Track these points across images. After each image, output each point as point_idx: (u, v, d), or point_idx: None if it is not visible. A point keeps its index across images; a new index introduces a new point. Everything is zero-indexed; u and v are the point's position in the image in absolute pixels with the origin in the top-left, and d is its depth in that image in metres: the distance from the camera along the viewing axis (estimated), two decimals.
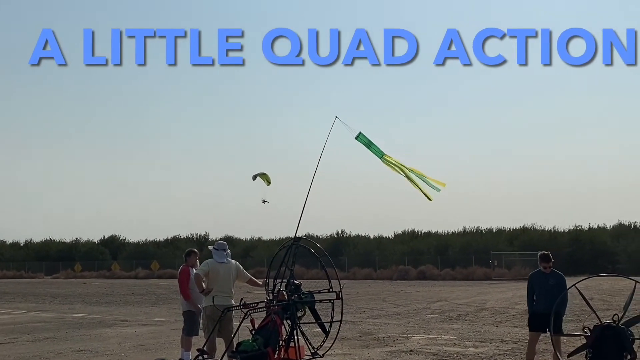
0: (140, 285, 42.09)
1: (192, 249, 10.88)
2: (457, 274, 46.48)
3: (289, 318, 8.58)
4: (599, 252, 49.70)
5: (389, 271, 49.83)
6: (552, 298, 8.87)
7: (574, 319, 16.34)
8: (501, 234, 57.35)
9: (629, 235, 51.14)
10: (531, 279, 9.26)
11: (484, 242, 52.91)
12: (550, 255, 9.36)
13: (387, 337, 13.36)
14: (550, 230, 56.08)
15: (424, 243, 57.42)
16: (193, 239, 69.40)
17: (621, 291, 25.83)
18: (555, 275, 9.11)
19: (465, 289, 31.96)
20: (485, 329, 14.69)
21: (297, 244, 8.95)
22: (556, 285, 9.01)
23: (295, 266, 9.00)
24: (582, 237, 52.84)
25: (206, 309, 9.44)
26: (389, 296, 27.51)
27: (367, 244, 59.93)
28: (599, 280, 32.49)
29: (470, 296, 26.67)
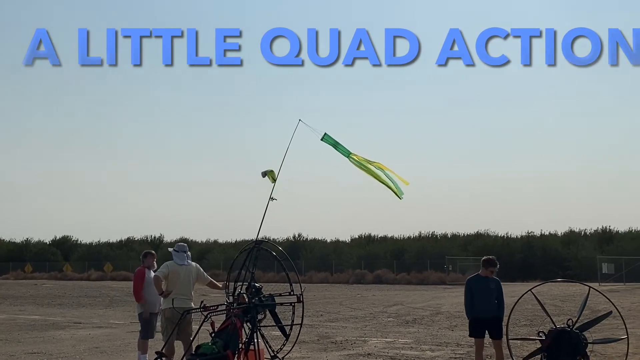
0: (93, 287, 41.30)
1: (149, 251, 10.75)
2: (413, 278, 46.98)
3: (249, 321, 8.54)
4: (550, 258, 50.81)
5: (345, 275, 50.08)
6: (492, 303, 8.85)
7: (527, 323, 16.67)
8: (456, 239, 58.16)
9: (578, 242, 52.44)
10: (470, 283, 9.01)
11: (439, 247, 53.58)
12: (484, 258, 9.22)
13: (345, 341, 13.41)
14: (503, 236, 57.13)
15: (380, 247, 57.82)
16: (147, 241, 68.46)
17: (572, 296, 26.47)
18: (494, 279, 9.02)
19: (420, 293, 32.29)
20: (441, 333, 14.87)
21: (259, 246, 8.93)
22: (496, 289, 8.93)
23: (255, 269, 8.96)
24: (534, 243, 53.96)
25: (165, 311, 9.33)
26: (346, 300, 27.61)
27: (323, 248, 60.05)
28: (550, 285, 33.22)
29: (425, 300, 26.96)
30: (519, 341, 11.92)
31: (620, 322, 9.85)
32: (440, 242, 57.25)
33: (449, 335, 14.35)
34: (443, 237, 59.53)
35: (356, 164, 9.65)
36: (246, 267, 8.85)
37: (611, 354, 11.18)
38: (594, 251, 48.04)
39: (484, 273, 9.00)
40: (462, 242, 55.98)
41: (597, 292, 9.22)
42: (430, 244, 55.60)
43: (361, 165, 9.64)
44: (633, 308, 21.18)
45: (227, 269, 9.75)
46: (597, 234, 54.87)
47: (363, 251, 56.65)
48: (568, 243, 53.03)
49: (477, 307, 8.84)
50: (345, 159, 9.66)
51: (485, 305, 8.81)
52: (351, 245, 61.33)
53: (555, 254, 51.52)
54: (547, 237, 55.58)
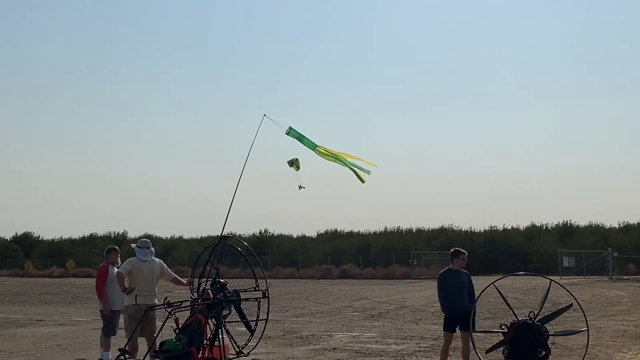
0: (55, 284, 40.56)
1: (112, 247, 10.58)
2: (378, 272, 47.18)
3: (214, 317, 8.47)
4: (512, 252, 51.50)
5: (311, 270, 50.05)
6: (465, 297, 8.92)
7: (489, 316, 16.88)
8: (421, 234, 58.54)
9: (540, 236, 53.26)
10: (444, 277, 9.06)
11: (404, 242, 53.89)
12: (453, 250, 9.28)
13: (311, 335, 13.40)
14: (467, 231, 57.66)
15: (346, 243, 57.93)
16: (111, 237, 67.50)
17: (534, 289, 26.89)
18: (465, 273, 9.10)
19: (385, 288, 32.48)
20: (406, 327, 14.97)
21: (224, 242, 8.86)
22: (468, 283, 9.02)
23: (220, 265, 8.90)
24: (497, 237, 54.63)
25: (128, 308, 9.21)
26: (312, 295, 27.62)
27: (290, 244, 59.93)
28: (512, 279, 33.71)
29: (390, 294, 27.12)
30: (482, 334, 12.06)
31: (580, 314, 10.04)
32: (405, 237, 57.56)
33: (414, 329, 14.45)
34: (408, 232, 59.89)
35: (322, 155, 9.67)
36: (211, 262, 8.77)
37: (572, 345, 11.38)
38: (555, 245, 48.79)
39: (455, 266, 9.06)
40: (427, 237, 56.37)
41: (558, 285, 9.38)
42: (395, 239, 55.87)
43: (327, 155, 9.67)
44: (593, 301, 21.61)
45: (192, 265, 9.65)
46: (559, 228, 55.75)
47: (329, 247, 56.68)
48: (530, 237, 53.76)
49: (451, 302, 8.91)
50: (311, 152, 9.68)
51: (458, 300, 8.89)
52: (317, 240, 61.31)
53: (518, 248, 52.20)
54: (509, 232, 56.26)
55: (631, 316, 16.61)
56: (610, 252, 39.44)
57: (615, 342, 11.96)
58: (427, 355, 10.68)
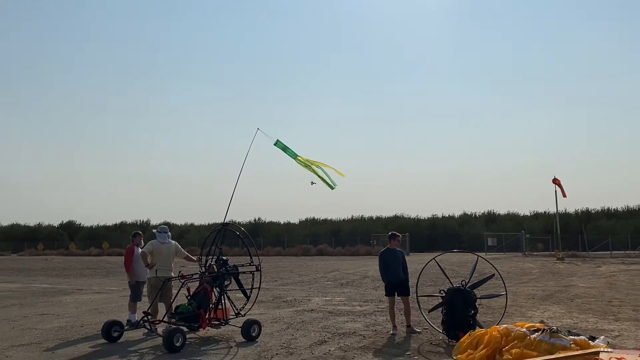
0: (93, 262, 39.94)
1: (137, 232, 10.44)
2: (347, 251, 47.25)
3: (218, 286, 8.43)
4: (449, 234, 51.92)
5: (295, 249, 49.95)
6: (400, 270, 8.87)
7: (431, 284, 16.98)
8: (379, 220, 58.75)
9: (470, 222, 53.73)
10: (383, 255, 8.96)
11: (367, 227, 54.06)
12: (390, 233, 9.19)
13: (294, 300, 13.37)
14: (414, 218, 58.06)
15: (321, 227, 57.94)
16: (137, 224, 66.65)
17: (465, 263, 27.06)
18: (400, 251, 9.05)
19: (352, 262, 32.54)
20: (367, 292, 15.00)
21: (226, 227, 8.81)
22: (402, 259, 8.99)
23: (223, 245, 8.86)
24: (438, 223, 55.03)
25: (150, 279, 9.11)
26: (295, 268, 27.57)
27: (278, 228, 59.80)
28: (449, 255, 33.89)
29: (356, 268, 27.17)
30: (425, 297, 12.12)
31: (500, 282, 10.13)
32: (367, 223, 57.72)
33: (373, 294, 14.48)
34: (369, 219, 60.06)
35: (301, 164, 9.64)
36: (216, 244, 8.74)
37: (494, 306, 11.50)
38: (481, 229, 49.27)
39: (392, 245, 9.02)
40: (384, 223, 56.57)
41: (484, 259, 9.45)
42: (360, 225, 56.02)
43: (305, 165, 9.63)
44: (510, 272, 21.85)
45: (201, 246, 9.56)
46: (484, 216, 56.27)
47: (309, 231, 56.69)
48: (463, 223, 54.27)
49: (389, 274, 8.89)
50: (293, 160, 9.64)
51: (395, 272, 8.86)
52: (299, 226, 61.25)
53: (453, 231, 52.63)
54: (447, 219, 56.70)
55: (539, 283, 16.83)
56: (523, 234, 39.92)
57: (527, 303, 12.11)
58: (383, 315, 10.71)
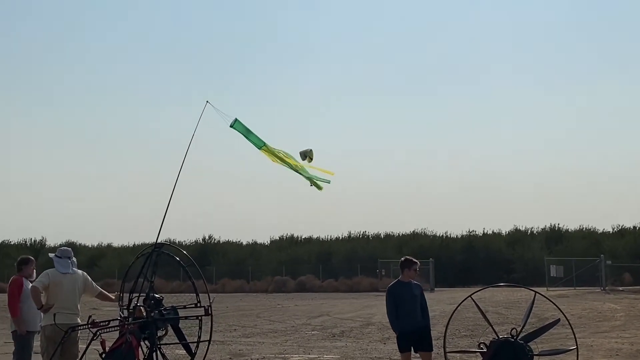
0: None
1: (27, 257, 10.36)
2: (341, 285, 47.40)
3: (148, 338, 8.40)
4: (493, 260, 52.23)
5: (264, 282, 50.03)
6: (418, 312, 9.01)
7: (467, 334, 17.10)
8: (389, 239, 58.98)
9: (524, 242, 54.11)
10: (393, 290, 9.09)
11: (371, 249, 54.23)
12: (403, 259, 9.42)
13: (262, 359, 13.38)
14: (442, 236, 58.31)
15: (304, 250, 58.03)
16: (26, 246, 66.22)
17: (517, 303, 27.33)
18: (417, 285, 9.21)
19: (349, 302, 32.63)
20: (372, 347, 15.05)
21: (159, 250, 8.79)
22: (420, 296, 9.12)
23: (155, 277, 8.84)
24: (476, 243, 55.38)
25: (45, 328, 9.05)
26: (264, 311, 27.58)
27: (238, 252, 59.77)
28: (493, 291, 34.18)
29: (355, 310, 27.25)
30: (457, 354, 12.20)
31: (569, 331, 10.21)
32: (372, 243, 57.92)
33: (381, 349, 14.54)
34: (375, 238, 60.23)
35: (269, 156, 9.67)
36: (144, 274, 8.71)
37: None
38: (541, 252, 49.65)
39: (405, 277, 9.12)
40: (397, 243, 56.77)
41: (544, 297, 9.54)
42: (361, 246, 56.19)
43: (275, 158, 9.66)
44: (584, 315, 22.06)
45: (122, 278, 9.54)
46: (545, 233, 56.66)
47: (284, 255, 56.71)
48: (513, 243, 54.62)
49: (402, 319, 8.94)
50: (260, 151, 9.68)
51: (411, 316, 8.94)
52: (271, 248, 61.25)
53: (499, 255, 52.98)
54: (490, 237, 57.07)
55: (626, 332, 17.02)
56: (603, 259, 40.26)
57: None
58: None
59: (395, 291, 9.08)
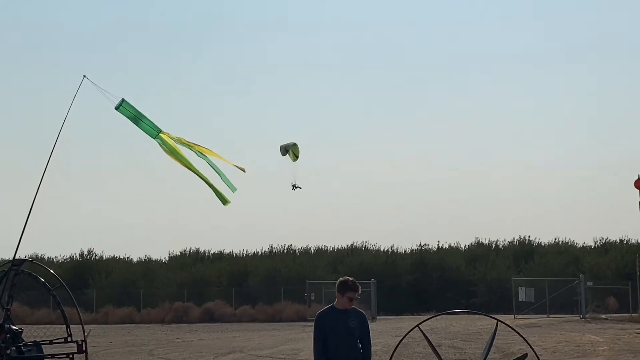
0: None
1: None
2: (259, 313, 47.36)
3: None
4: (450, 281, 52.93)
5: (159, 311, 49.60)
6: (354, 346, 8.87)
7: None
8: (321, 256, 59.21)
9: (488, 259, 54.96)
10: (321, 321, 8.96)
11: (298, 268, 54.36)
12: (340, 281, 9.06)
13: None
14: (387, 251, 58.78)
15: (212, 269, 57.83)
16: None
17: (478, 334, 27.70)
18: (357, 313, 9.00)
19: (270, 334, 32.65)
20: None
21: (17, 269, 8.63)
22: (359, 327, 8.91)
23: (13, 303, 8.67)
24: (429, 260, 56.02)
25: None
26: (159, 347, 27.37)
27: (127, 271, 59.22)
28: (449, 319, 34.61)
29: (276, 344, 27.27)
30: None
31: None
32: (300, 260, 58.02)
33: None
34: (304, 254, 60.38)
35: (168, 148, 9.65)
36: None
37: None
38: (508, 271, 50.57)
39: (341, 304, 8.94)
40: (330, 260, 57.07)
41: (509, 327, 9.68)
42: (285, 264, 56.22)
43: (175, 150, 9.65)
44: (559, 349, 22.47)
45: None
46: (513, 248, 57.80)
47: (187, 275, 56.39)
48: (474, 260, 55.43)
49: (332, 353, 8.81)
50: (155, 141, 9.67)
51: (344, 351, 8.78)
52: (169, 266, 60.86)
53: (457, 275, 53.74)
54: (446, 252, 57.80)
55: None
56: (582, 280, 41.10)
57: None
58: None
59: (325, 321, 8.92)
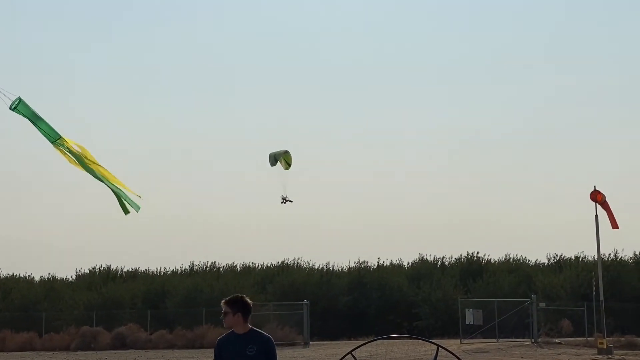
0: None
1: None
2: (178, 338, 46.96)
3: None
4: (391, 302, 53.06)
5: (64, 336, 48.93)
6: None
7: None
8: (248, 274, 59.05)
9: (433, 277, 55.17)
10: (219, 348, 8.81)
11: (222, 287, 54.02)
12: (245, 300, 8.76)
13: None
14: (322, 269, 58.76)
15: (125, 289, 57.32)
16: None
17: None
18: (258, 338, 8.70)
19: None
20: None
21: None
22: (260, 354, 8.65)
23: None
24: (368, 279, 56.08)
25: None
26: None
27: (28, 291, 58.47)
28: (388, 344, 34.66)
29: None
30: None
31: None
32: (224, 278, 57.81)
33: None
34: (229, 271, 60.20)
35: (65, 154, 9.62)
36: None
37: None
38: (454, 290, 50.88)
39: (239, 326, 8.64)
40: (258, 279, 56.95)
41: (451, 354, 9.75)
42: (207, 283, 55.95)
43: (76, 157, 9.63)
44: None
45: None
46: (460, 265, 58.17)
47: (96, 296, 55.79)
48: (417, 278, 55.63)
49: None
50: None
51: None
52: (77, 285, 60.17)
53: (399, 295, 53.89)
54: (386, 270, 57.92)
55: None
56: (535, 301, 41.59)
57: None
58: None
59: (221, 348, 8.73)
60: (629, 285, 51.24)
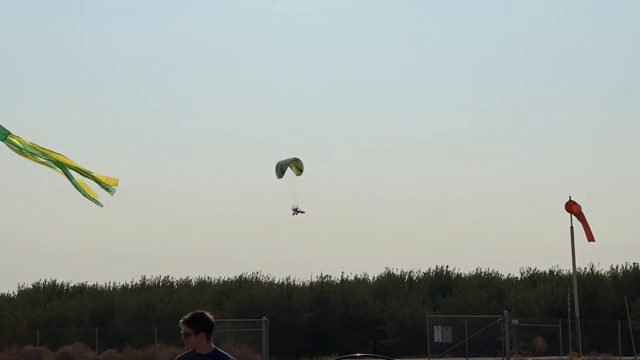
0: None
1: None
2: (128, 357, 47.15)
3: None
4: (355, 318, 53.42)
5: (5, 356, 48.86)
6: None
7: None
8: (204, 288, 59.11)
9: (400, 293, 55.56)
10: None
11: (175, 304, 54.18)
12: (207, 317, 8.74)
13: None
14: (282, 283, 58.89)
15: (71, 305, 57.16)
16: None
17: None
18: (219, 357, 8.74)
19: None
20: None
21: None
22: None
23: None
24: (331, 294, 56.43)
25: None
26: None
27: None
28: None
29: None
30: None
31: None
32: (178, 294, 57.79)
33: None
34: (183, 286, 60.19)
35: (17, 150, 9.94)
36: None
37: None
38: (422, 307, 51.33)
39: (198, 345, 8.68)
40: (215, 294, 57.01)
41: None
42: (160, 298, 56.01)
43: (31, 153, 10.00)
44: None
45: None
46: (429, 280, 58.71)
47: (40, 313, 55.69)
48: (384, 294, 56.05)
49: None
50: None
51: None
52: (19, 302, 59.99)
53: (364, 311, 54.20)
54: (350, 285, 58.32)
55: None
56: (507, 317, 41.95)
57: None
58: None
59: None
60: (605, 300, 52.01)
